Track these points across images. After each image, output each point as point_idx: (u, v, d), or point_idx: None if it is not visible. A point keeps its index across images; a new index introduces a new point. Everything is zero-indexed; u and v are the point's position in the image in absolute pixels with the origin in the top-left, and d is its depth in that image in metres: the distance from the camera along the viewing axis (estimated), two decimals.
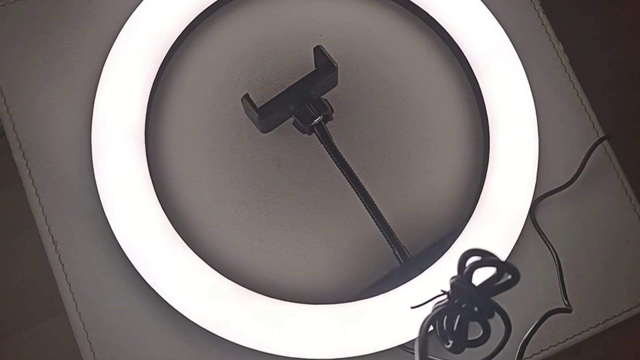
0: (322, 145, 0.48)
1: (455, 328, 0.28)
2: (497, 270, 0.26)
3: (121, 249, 0.46)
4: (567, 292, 0.48)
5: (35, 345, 0.97)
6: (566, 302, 0.46)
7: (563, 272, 0.48)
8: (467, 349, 0.29)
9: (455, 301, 0.27)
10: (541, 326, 0.49)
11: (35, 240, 0.47)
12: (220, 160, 0.50)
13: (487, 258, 0.25)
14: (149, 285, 0.46)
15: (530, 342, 0.49)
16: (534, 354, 0.49)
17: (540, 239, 0.50)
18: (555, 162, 0.51)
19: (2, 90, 0.49)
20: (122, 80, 0.48)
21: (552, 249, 0.48)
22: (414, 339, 0.30)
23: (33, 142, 0.49)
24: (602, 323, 0.50)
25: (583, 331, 0.50)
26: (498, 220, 0.48)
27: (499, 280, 0.26)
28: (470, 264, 0.26)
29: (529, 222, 0.50)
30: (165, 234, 0.47)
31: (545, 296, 0.49)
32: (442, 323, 0.28)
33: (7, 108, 0.49)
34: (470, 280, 0.26)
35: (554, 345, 0.49)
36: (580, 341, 0.50)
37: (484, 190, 0.49)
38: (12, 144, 0.48)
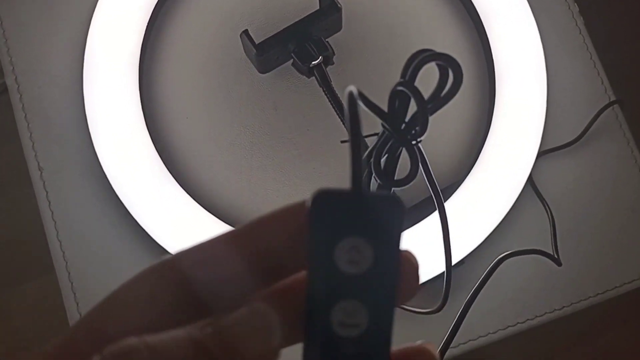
0: (321, 89, 0.47)
1: (383, 165, 0.25)
2: (440, 70, 0.23)
3: (108, 182, 0.45)
4: (562, 256, 0.46)
5: (26, 303, 0.96)
6: (556, 255, 0.44)
7: (557, 232, 0.46)
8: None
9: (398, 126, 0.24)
10: (536, 291, 0.47)
11: (34, 198, 0.46)
12: (216, 98, 0.48)
13: (427, 53, 0.23)
14: (136, 221, 0.45)
15: (523, 304, 0.47)
16: (528, 319, 0.47)
17: (540, 197, 0.48)
18: (562, 123, 0.49)
19: None
20: (119, 11, 0.47)
21: (545, 204, 0.46)
22: None
23: (26, 68, 0.48)
24: (602, 293, 0.48)
25: (581, 300, 0.48)
26: (498, 176, 0.46)
27: (443, 89, 0.23)
28: (414, 63, 0.23)
29: (530, 183, 0.48)
30: (155, 169, 0.46)
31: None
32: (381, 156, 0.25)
33: (3, 31, 0.48)
34: (414, 81, 0.23)
35: (550, 312, 0.47)
36: (577, 310, 0.48)
37: (485, 145, 0.47)
38: (5, 68, 0.47)
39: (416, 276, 0.18)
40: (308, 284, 0.18)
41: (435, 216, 0.46)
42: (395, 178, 0.27)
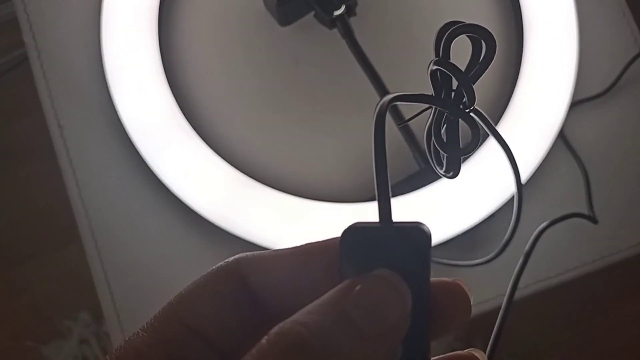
0: (344, 40, 0.46)
1: (445, 137, 0.25)
2: (472, 41, 0.23)
3: (129, 138, 0.45)
4: (595, 209, 0.45)
5: (45, 274, 0.96)
6: (592, 213, 0.43)
7: (591, 187, 0.45)
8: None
9: (442, 96, 0.24)
10: (569, 245, 0.47)
11: (55, 170, 0.45)
12: (235, 52, 0.47)
13: (455, 26, 0.22)
14: (158, 177, 0.44)
15: (556, 259, 0.46)
16: (558, 273, 0.46)
17: (570, 153, 0.46)
18: (592, 74, 0.48)
19: None
20: None
21: (577, 157, 0.45)
22: None
23: (43, 24, 0.47)
24: (636, 246, 0.47)
25: (612, 253, 0.47)
26: (527, 129, 0.45)
27: (479, 57, 0.23)
28: (444, 39, 0.23)
29: (560, 136, 0.46)
30: (176, 124, 0.45)
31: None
32: (439, 133, 0.25)
33: None
34: (448, 57, 0.23)
35: (581, 266, 0.47)
36: (611, 263, 0.47)
37: (513, 97, 0.46)
38: (23, 25, 0.47)
39: (467, 305, 0.19)
40: None
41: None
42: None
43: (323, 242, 0.20)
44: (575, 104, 0.46)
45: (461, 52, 0.23)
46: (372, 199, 0.44)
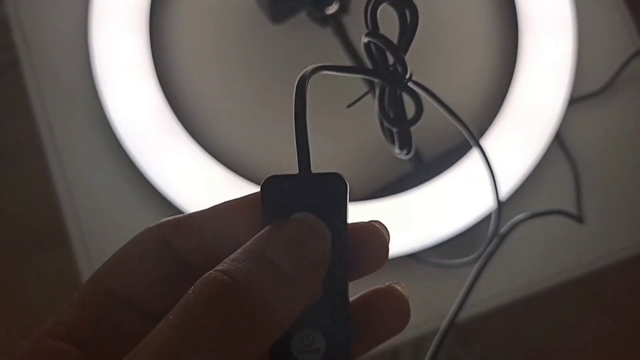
0: (337, 38, 0.45)
1: (391, 113, 0.25)
2: (397, 10, 0.23)
3: (118, 138, 0.44)
4: (585, 208, 0.44)
5: (38, 275, 0.96)
6: (579, 212, 0.42)
7: (583, 186, 0.45)
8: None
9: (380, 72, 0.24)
10: (558, 247, 0.46)
11: (46, 171, 0.45)
12: (227, 50, 0.47)
13: None
14: (147, 178, 0.44)
15: (549, 257, 0.46)
16: (554, 273, 0.46)
17: (564, 150, 0.46)
18: (588, 72, 0.47)
19: None
20: None
21: (570, 156, 0.45)
22: None
23: (33, 24, 0.46)
24: (625, 249, 0.46)
25: (603, 255, 0.46)
26: (522, 127, 0.45)
27: (405, 26, 0.23)
28: (369, 10, 0.24)
29: (556, 135, 0.46)
30: (166, 123, 0.44)
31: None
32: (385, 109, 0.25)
33: None
34: (377, 27, 0.24)
35: (573, 268, 0.46)
36: (603, 265, 0.46)
37: (509, 95, 0.45)
38: (14, 26, 0.46)
39: (384, 245, 0.19)
40: None
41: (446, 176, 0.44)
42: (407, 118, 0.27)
43: (243, 197, 0.20)
44: (572, 102, 0.46)
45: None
46: (367, 198, 0.44)
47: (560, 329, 0.89)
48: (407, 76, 0.24)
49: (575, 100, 0.46)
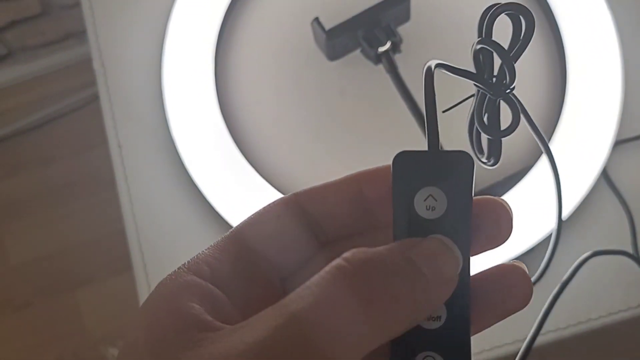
0: (389, 75, 0.48)
1: (486, 119, 0.25)
2: (512, 20, 0.24)
3: (182, 161, 0.47)
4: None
5: (96, 301, 1.00)
6: (635, 252, 0.42)
7: (637, 228, 0.44)
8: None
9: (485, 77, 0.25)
10: (612, 288, 0.45)
11: (116, 200, 0.48)
12: (286, 84, 0.50)
13: (495, 6, 0.24)
14: (205, 197, 0.47)
15: (596, 299, 0.45)
16: (601, 316, 0.45)
17: (613, 193, 0.46)
18: (638, 113, 0.48)
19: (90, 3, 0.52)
20: (198, 1, 0.50)
21: (621, 197, 0.45)
22: None
23: (112, 53, 0.51)
24: None
25: None
26: (569, 166, 0.45)
27: (519, 34, 0.24)
28: (486, 19, 0.24)
29: (602, 174, 0.46)
30: (227, 150, 0.48)
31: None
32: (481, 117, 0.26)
33: (94, 20, 0.52)
34: (491, 36, 0.24)
35: (624, 310, 0.45)
36: None
37: (555, 133, 0.46)
38: (94, 53, 0.51)
39: (508, 218, 0.20)
40: (393, 229, 0.20)
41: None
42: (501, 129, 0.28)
43: (374, 169, 0.21)
44: (619, 143, 0.46)
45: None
46: None
47: None
48: (512, 87, 0.25)
49: (624, 141, 0.46)
